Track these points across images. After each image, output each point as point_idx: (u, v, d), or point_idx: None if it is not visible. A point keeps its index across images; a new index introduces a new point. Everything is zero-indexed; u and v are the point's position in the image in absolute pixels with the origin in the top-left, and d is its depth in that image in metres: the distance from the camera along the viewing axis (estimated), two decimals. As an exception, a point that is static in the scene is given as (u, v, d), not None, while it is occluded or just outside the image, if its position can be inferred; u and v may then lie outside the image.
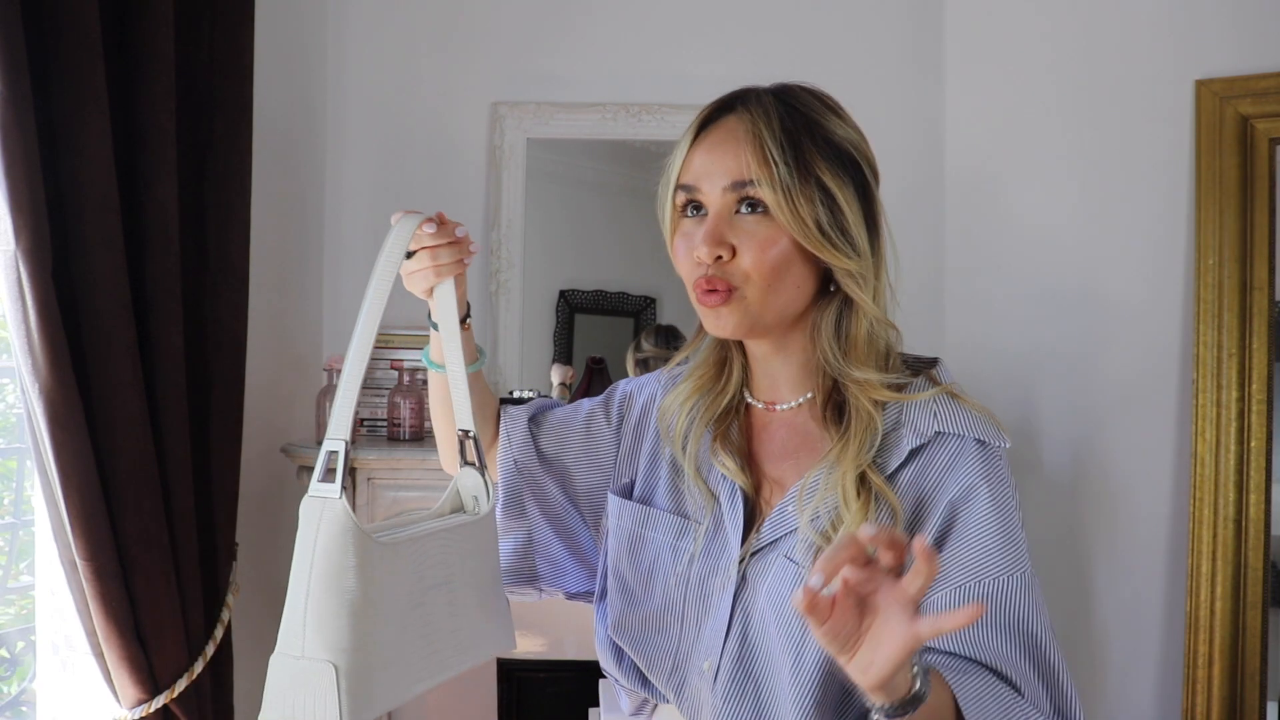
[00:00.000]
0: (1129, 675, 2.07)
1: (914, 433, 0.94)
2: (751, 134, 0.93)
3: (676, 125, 2.37)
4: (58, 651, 1.73)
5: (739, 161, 0.93)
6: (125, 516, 1.61)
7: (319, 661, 0.83)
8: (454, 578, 0.97)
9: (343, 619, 0.84)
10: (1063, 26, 2.17)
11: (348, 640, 0.83)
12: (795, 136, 0.92)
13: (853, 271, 0.93)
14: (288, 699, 0.83)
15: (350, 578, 0.84)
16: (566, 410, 1.18)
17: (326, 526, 0.85)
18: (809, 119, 0.94)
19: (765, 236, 0.92)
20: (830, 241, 0.92)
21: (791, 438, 1.01)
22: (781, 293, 0.94)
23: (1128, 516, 2.07)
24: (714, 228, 0.94)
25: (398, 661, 0.89)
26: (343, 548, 0.84)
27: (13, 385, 1.73)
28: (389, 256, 0.94)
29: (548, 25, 2.43)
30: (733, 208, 0.94)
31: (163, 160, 1.67)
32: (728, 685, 0.96)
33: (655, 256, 1.03)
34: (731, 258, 0.93)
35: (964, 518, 0.91)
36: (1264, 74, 1.93)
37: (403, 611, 0.90)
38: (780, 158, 0.91)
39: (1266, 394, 1.90)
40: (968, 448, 0.93)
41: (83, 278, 1.55)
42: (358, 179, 2.41)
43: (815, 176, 0.91)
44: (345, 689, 0.82)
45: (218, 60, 1.83)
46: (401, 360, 2.28)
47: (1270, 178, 1.93)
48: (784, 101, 0.95)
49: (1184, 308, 2.01)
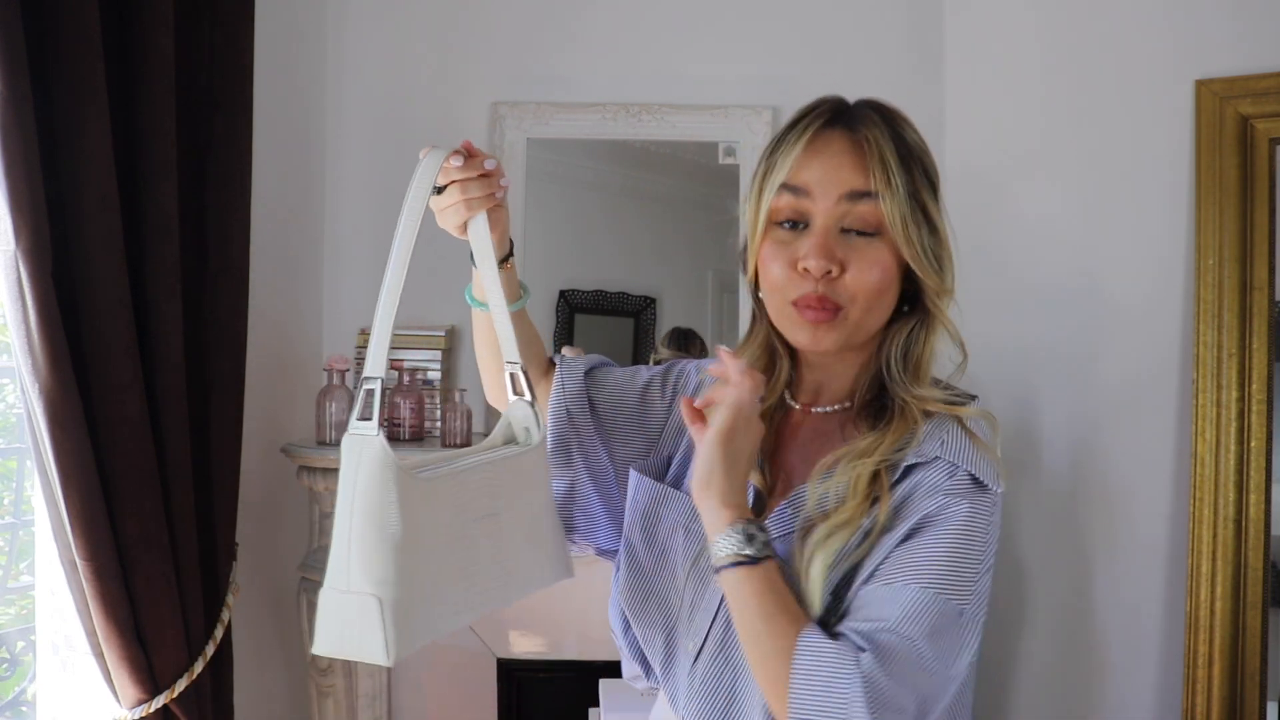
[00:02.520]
0: (1129, 675, 2.07)
1: (918, 453, 0.94)
2: (876, 150, 0.94)
3: (676, 125, 2.37)
4: (58, 651, 1.73)
5: (863, 174, 0.93)
6: (125, 516, 1.61)
7: (364, 595, 0.85)
8: (499, 510, 0.98)
9: (386, 554, 0.85)
10: (1063, 26, 2.17)
11: (392, 574, 0.85)
12: (909, 161, 0.94)
13: (941, 293, 0.97)
14: (336, 631, 0.86)
15: (391, 514, 0.86)
16: (625, 373, 1.18)
17: (366, 465, 0.86)
18: (911, 144, 0.97)
19: (875, 257, 0.94)
20: (933, 264, 0.95)
21: (814, 440, 1.02)
22: (878, 312, 0.96)
23: (1128, 516, 2.07)
24: (825, 241, 0.94)
25: (443, 593, 0.91)
26: (383, 485, 0.86)
27: (13, 385, 1.73)
28: (417, 193, 0.93)
29: (548, 25, 2.43)
30: (840, 222, 0.94)
31: (163, 160, 1.67)
32: (707, 668, 0.98)
33: (655, 256, 1.03)
34: (840, 275, 0.94)
35: (927, 530, 0.90)
36: (1264, 74, 1.93)
37: (443, 547, 0.92)
38: (902, 179, 0.93)
39: (1266, 394, 1.90)
40: (960, 480, 0.92)
41: (83, 278, 1.55)
42: (358, 179, 2.41)
43: (921, 202, 0.94)
44: (390, 621, 0.85)
45: (218, 60, 1.83)
46: (401, 360, 2.28)
47: (1270, 178, 1.93)
48: (890, 123, 0.97)
49: (1184, 308, 2.01)
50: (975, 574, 0.89)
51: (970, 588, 0.88)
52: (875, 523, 0.91)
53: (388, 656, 0.84)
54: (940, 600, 0.86)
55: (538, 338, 1.20)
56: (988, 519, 0.91)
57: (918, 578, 0.87)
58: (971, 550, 0.89)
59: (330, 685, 2.17)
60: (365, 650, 0.85)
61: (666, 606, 1.04)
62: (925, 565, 0.88)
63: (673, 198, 2.49)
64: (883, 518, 0.91)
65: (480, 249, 1.03)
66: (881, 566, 0.89)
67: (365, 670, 2.19)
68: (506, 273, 1.09)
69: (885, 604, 0.87)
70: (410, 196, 0.93)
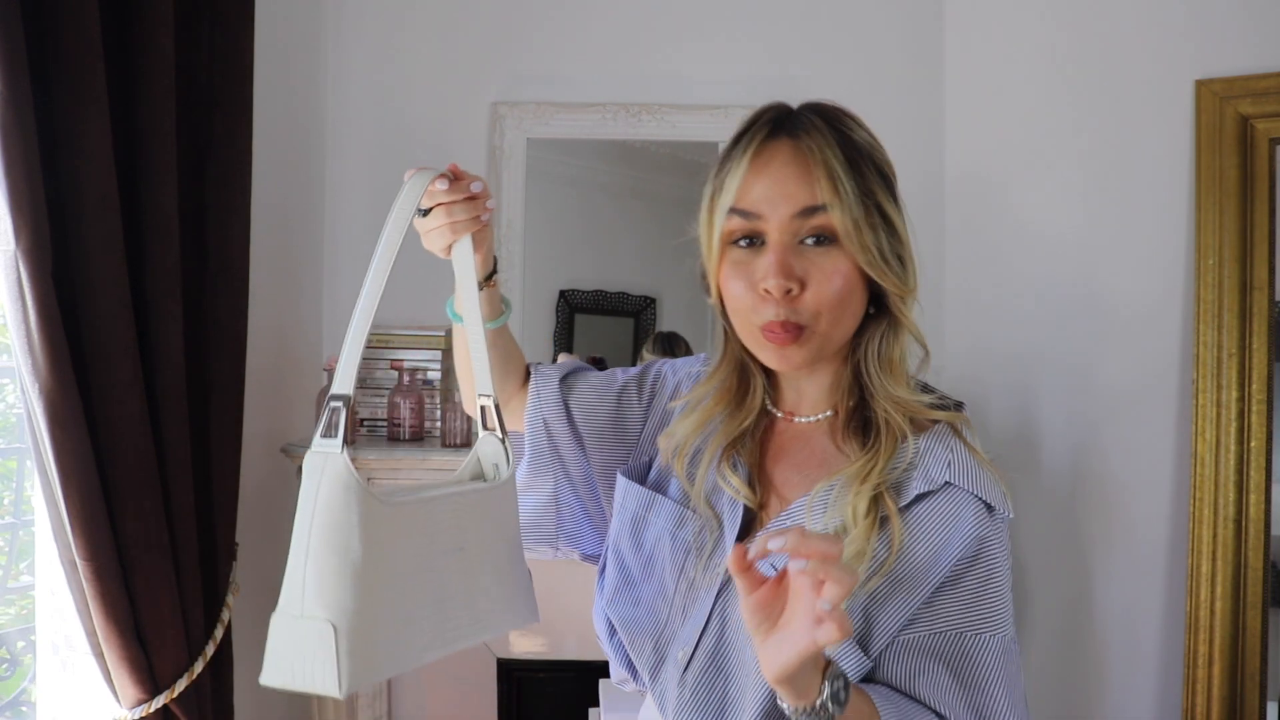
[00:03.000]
0: (1129, 675, 2.07)
1: (924, 478, 0.93)
2: (820, 159, 0.91)
3: (676, 125, 2.37)
4: (58, 651, 1.73)
5: (810, 188, 0.90)
6: (125, 516, 1.61)
7: (318, 621, 0.80)
8: (467, 544, 0.94)
9: (344, 578, 0.81)
10: (1062, 27, 2.17)
11: (349, 600, 0.81)
12: (856, 163, 0.91)
13: (905, 297, 0.94)
14: (288, 660, 0.82)
15: (352, 535, 0.82)
16: (600, 378, 1.17)
17: (328, 483, 0.82)
18: (859, 144, 0.94)
19: (833, 267, 0.91)
20: (891, 268, 0.92)
21: (802, 450, 1.01)
22: (846, 321, 0.94)
23: (1127, 516, 2.07)
24: (783, 259, 0.91)
25: (406, 625, 0.86)
26: (344, 504, 0.82)
27: (13, 385, 1.73)
28: (399, 215, 0.90)
29: (548, 25, 2.43)
30: (797, 237, 0.91)
31: (163, 160, 1.67)
32: (698, 677, 0.97)
33: (656, 256, 1.02)
34: (801, 293, 0.91)
35: (964, 575, 0.91)
36: (1264, 74, 1.93)
37: (411, 575, 0.87)
38: (850, 185, 0.90)
39: (1266, 394, 1.90)
40: (974, 506, 0.92)
41: (83, 278, 1.55)
42: (358, 179, 2.41)
43: (875, 203, 0.91)
44: (344, 649, 0.80)
45: (218, 60, 1.83)
46: (401, 360, 2.28)
47: (1270, 178, 1.93)
48: (834, 126, 0.94)
49: (1184, 308, 2.01)
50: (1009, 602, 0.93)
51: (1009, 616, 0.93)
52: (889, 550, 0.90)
53: (339, 688, 0.80)
54: (1009, 639, 0.92)
55: (519, 353, 1.20)
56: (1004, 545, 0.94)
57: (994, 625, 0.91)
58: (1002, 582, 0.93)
59: (330, 685, 2.16)
60: (316, 680, 0.81)
61: (655, 614, 1.03)
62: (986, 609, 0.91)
63: (673, 198, 2.49)
64: (895, 545, 0.90)
65: (462, 270, 1.02)
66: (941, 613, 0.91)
67: (365, 670, 2.18)
68: (489, 291, 1.08)
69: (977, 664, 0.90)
70: (391, 219, 0.90)
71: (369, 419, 2.32)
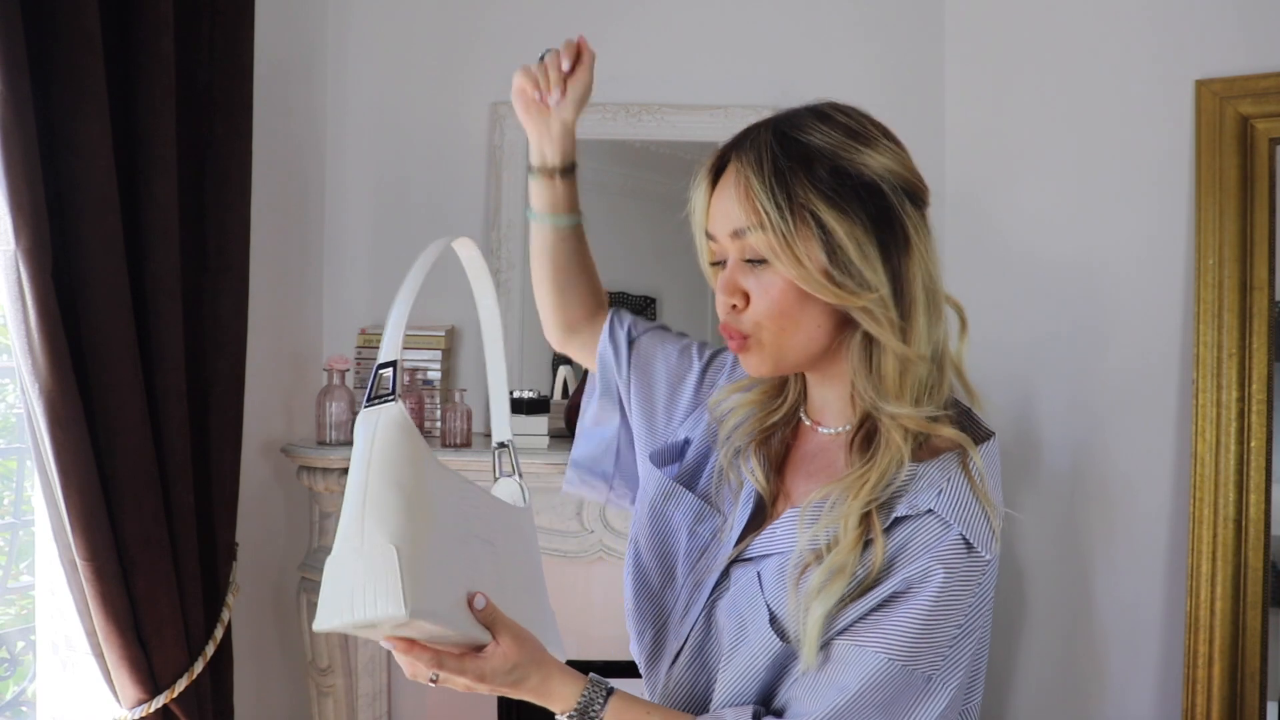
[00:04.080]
0: (1129, 675, 2.07)
1: (910, 503, 0.90)
2: (742, 181, 0.91)
3: (676, 125, 2.37)
4: (58, 651, 1.73)
5: (735, 210, 0.92)
6: (125, 516, 1.61)
7: (381, 546, 0.81)
8: (497, 542, 0.95)
9: (401, 507, 0.83)
10: (1062, 27, 2.17)
11: (407, 529, 0.82)
12: (786, 176, 0.89)
13: (868, 308, 0.90)
14: (345, 595, 0.81)
15: (406, 470, 0.84)
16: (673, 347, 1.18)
17: (384, 427, 0.85)
18: (810, 151, 0.90)
19: (769, 282, 0.91)
20: (834, 281, 0.89)
21: (820, 461, 1.01)
22: (799, 333, 0.93)
23: (1128, 516, 2.07)
24: (729, 276, 0.94)
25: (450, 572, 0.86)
26: (400, 441, 0.85)
27: (13, 385, 1.73)
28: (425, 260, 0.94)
29: (548, 25, 2.43)
30: (741, 255, 0.93)
31: (163, 160, 1.67)
32: (682, 671, 0.99)
33: (655, 257, 1.03)
34: (745, 305, 0.93)
35: (908, 596, 0.88)
36: (1264, 74, 1.93)
37: (451, 533, 0.88)
38: (769, 204, 0.89)
39: (1266, 394, 1.90)
40: (950, 539, 0.88)
41: (83, 278, 1.55)
42: (358, 179, 2.41)
43: (812, 214, 0.88)
44: (407, 570, 0.80)
45: (218, 60, 1.83)
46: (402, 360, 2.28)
47: (1270, 178, 1.93)
48: (784, 136, 0.92)
49: (1184, 308, 2.01)
50: (949, 641, 0.88)
51: (941, 654, 0.88)
52: (869, 571, 0.89)
53: (405, 606, 0.79)
54: (904, 671, 0.86)
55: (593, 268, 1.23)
56: (972, 585, 0.89)
57: (886, 646, 0.87)
58: (949, 619, 0.88)
59: (330, 685, 2.17)
60: (379, 605, 0.80)
61: (661, 605, 1.04)
62: (897, 634, 0.87)
63: (673, 198, 2.48)
64: (876, 568, 0.88)
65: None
66: (859, 623, 0.88)
67: (365, 670, 2.19)
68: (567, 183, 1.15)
69: (849, 668, 0.87)
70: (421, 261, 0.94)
71: (369, 419, 2.32)
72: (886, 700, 0.86)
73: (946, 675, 0.88)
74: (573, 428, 2.29)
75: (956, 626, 0.88)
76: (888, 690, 0.86)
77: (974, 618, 0.89)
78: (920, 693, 0.87)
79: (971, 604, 0.89)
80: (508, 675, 0.89)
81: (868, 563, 0.89)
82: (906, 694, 0.87)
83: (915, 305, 0.91)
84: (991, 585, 0.91)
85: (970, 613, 0.89)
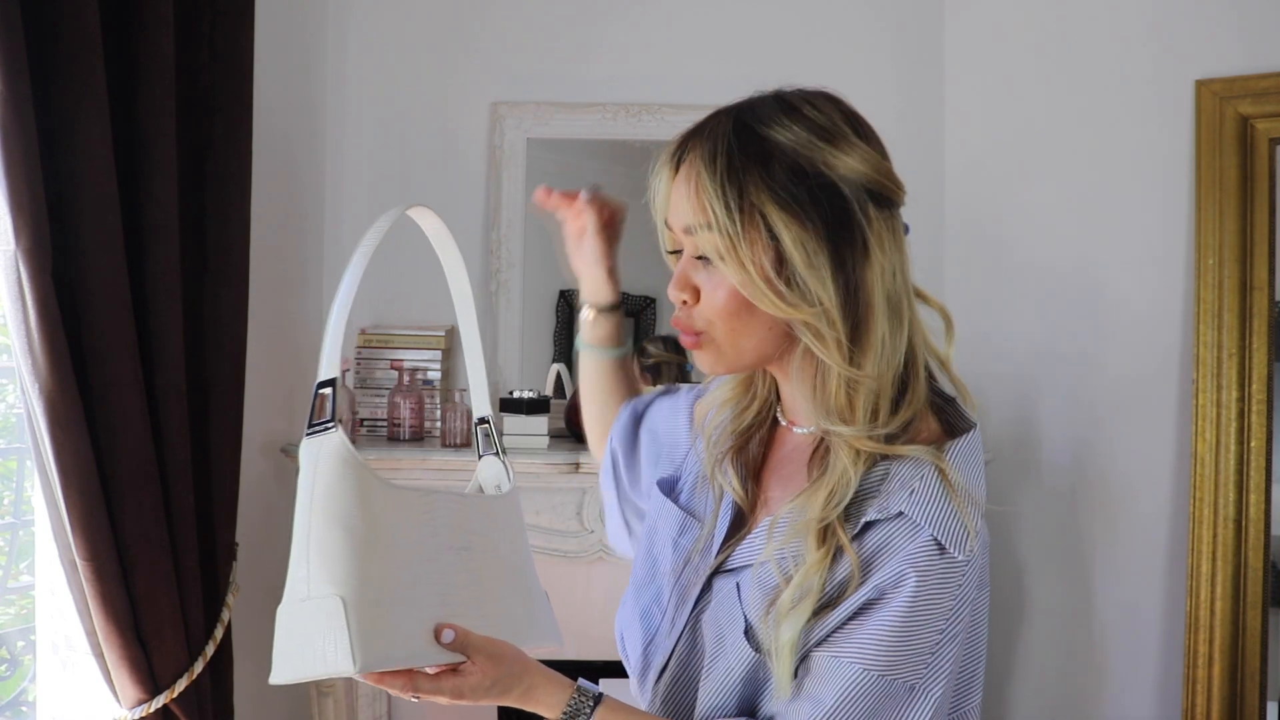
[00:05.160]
0: (1129, 675, 2.07)
1: (880, 506, 0.85)
2: (693, 177, 0.87)
3: (676, 125, 2.34)
4: (58, 651, 1.73)
5: (688, 206, 0.88)
6: (125, 516, 1.61)
7: (326, 598, 0.77)
8: (473, 545, 0.90)
9: (348, 552, 0.78)
10: (1062, 27, 2.17)
11: (355, 574, 0.77)
12: (740, 174, 0.84)
13: (810, 323, 0.84)
14: (295, 647, 0.78)
15: (354, 508, 0.79)
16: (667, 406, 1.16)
17: (325, 460, 0.80)
18: (769, 148, 0.85)
19: (717, 281, 0.87)
20: (775, 291, 0.83)
21: (791, 462, 0.98)
22: (751, 334, 0.88)
23: (1128, 516, 2.07)
24: (680, 272, 0.91)
25: (412, 609, 0.81)
26: (342, 475, 0.80)
27: (13, 385, 1.73)
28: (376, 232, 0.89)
29: (547, 25, 2.43)
30: (694, 251, 0.89)
31: (163, 160, 1.67)
32: (669, 687, 0.97)
33: (655, 256, 1.00)
34: (695, 301, 0.89)
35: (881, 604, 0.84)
36: (1264, 74, 1.93)
37: (413, 559, 0.83)
38: (718, 203, 0.84)
39: (1266, 394, 1.90)
40: (922, 540, 0.84)
41: (83, 278, 1.55)
42: (358, 179, 2.41)
43: (762, 216, 0.83)
44: (355, 621, 0.76)
45: (218, 60, 1.83)
46: (401, 360, 2.28)
47: (1270, 178, 1.93)
48: (743, 129, 0.87)
49: (1184, 308, 2.01)
50: (930, 648, 0.84)
51: (922, 661, 0.84)
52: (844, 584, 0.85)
53: (353, 661, 0.76)
54: (883, 681, 0.83)
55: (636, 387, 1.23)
56: (949, 588, 0.84)
57: (862, 656, 0.83)
58: (927, 625, 0.83)
59: (330, 685, 2.17)
60: (329, 660, 0.76)
61: (649, 620, 1.02)
62: (873, 643, 0.83)
63: (673, 198, 2.49)
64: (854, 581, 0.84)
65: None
66: (836, 633, 0.85)
67: (365, 670, 2.18)
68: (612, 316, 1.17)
69: (826, 681, 0.84)
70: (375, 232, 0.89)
71: (369, 419, 2.32)
72: (868, 712, 0.83)
73: (930, 683, 0.84)
74: (573, 428, 2.29)
75: (938, 633, 0.84)
76: (867, 702, 0.83)
77: (955, 622, 0.85)
78: (903, 703, 0.84)
79: (951, 608, 0.84)
80: (488, 691, 0.86)
81: (840, 574, 0.85)
82: (888, 705, 0.84)
83: (871, 317, 0.85)
84: (973, 585, 0.86)
85: (951, 617, 0.84)
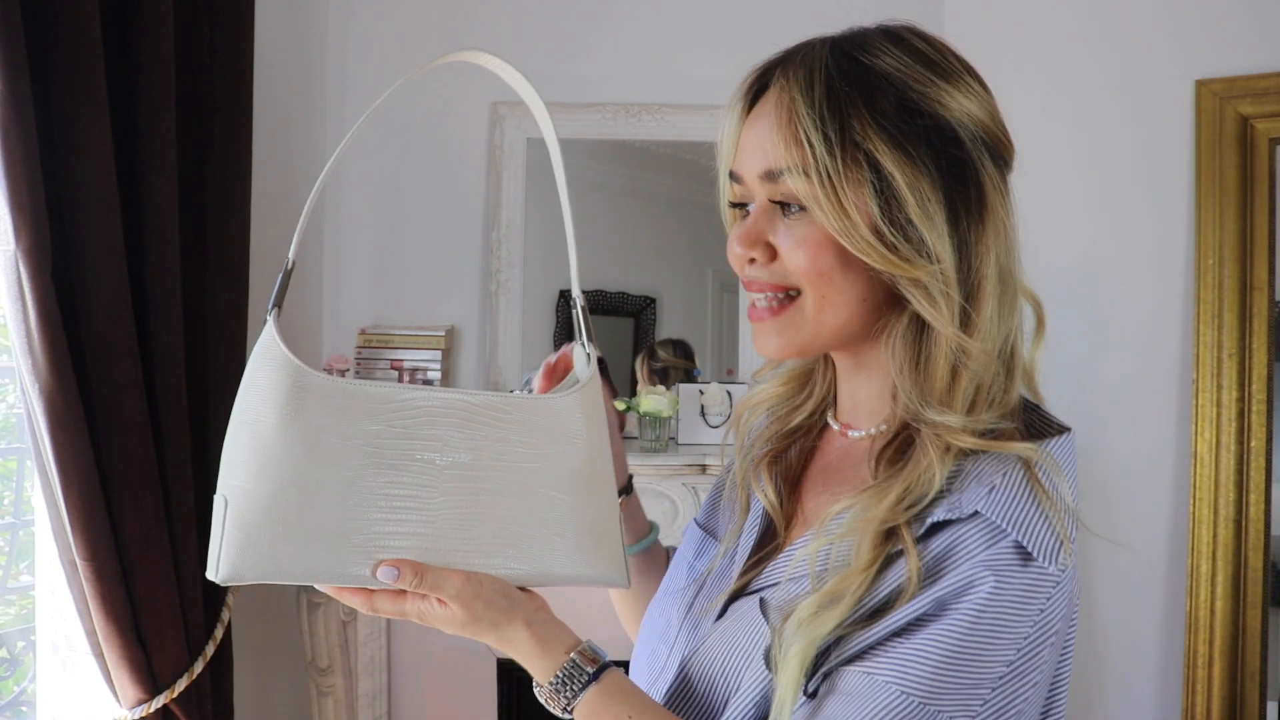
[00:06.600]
0: (1129, 675, 2.07)
1: (952, 504, 0.70)
2: (786, 107, 0.72)
3: (676, 125, 2.37)
4: (58, 651, 1.73)
5: (772, 144, 0.73)
6: (125, 516, 1.61)
7: (216, 495, 0.71)
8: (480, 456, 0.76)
9: (248, 449, 0.71)
10: (1062, 27, 2.17)
11: (250, 474, 0.70)
12: (842, 103, 0.70)
13: (921, 280, 0.70)
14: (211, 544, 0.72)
15: (260, 402, 0.71)
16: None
17: (255, 351, 0.74)
18: (875, 77, 0.72)
19: (802, 235, 0.72)
20: (884, 241, 0.69)
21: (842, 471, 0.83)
22: (843, 303, 0.73)
23: (1128, 516, 2.07)
24: (751, 224, 0.75)
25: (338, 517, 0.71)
26: (259, 368, 0.73)
27: (13, 385, 1.73)
28: None
29: (548, 26, 2.43)
30: (773, 195, 0.74)
31: (163, 160, 1.67)
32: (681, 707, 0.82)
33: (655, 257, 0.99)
34: (769, 262, 0.75)
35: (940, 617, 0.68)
36: (1264, 74, 1.93)
37: (351, 467, 0.72)
38: (815, 135, 0.70)
39: (1266, 394, 1.90)
40: (1001, 546, 0.68)
41: (83, 278, 1.55)
42: (358, 179, 2.41)
43: (867, 154, 0.69)
44: (231, 528, 0.69)
45: (218, 60, 1.83)
46: (401, 360, 2.28)
47: (1270, 178, 1.93)
48: (844, 55, 0.74)
49: (1184, 308, 2.01)
50: (992, 681, 0.66)
51: (978, 697, 0.66)
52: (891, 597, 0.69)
53: (215, 570, 0.70)
54: (924, 712, 0.66)
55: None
56: (1030, 608, 0.67)
57: (903, 676, 0.66)
58: (993, 652, 0.66)
59: (330, 685, 2.17)
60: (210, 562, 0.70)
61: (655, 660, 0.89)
62: (918, 661, 0.67)
63: (673, 198, 2.49)
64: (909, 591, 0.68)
65: None
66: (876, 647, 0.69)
67: (365, 670, 2.19)
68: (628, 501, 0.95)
69: (851, 702, 0.68)
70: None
71: (369, 419, 2.32)
72: None
73: None
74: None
75: (1005, 664, 0.66)
76: None
77: (1030, 656, 0.67)
78: None
79: (1027, 635, 0.67)
80: (461, 629, 0.74)
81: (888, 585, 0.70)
82: None
83: (984, 288, 0.72)
84: (1059, 613, 0.69)
85: (1026, 647, 0.67)
